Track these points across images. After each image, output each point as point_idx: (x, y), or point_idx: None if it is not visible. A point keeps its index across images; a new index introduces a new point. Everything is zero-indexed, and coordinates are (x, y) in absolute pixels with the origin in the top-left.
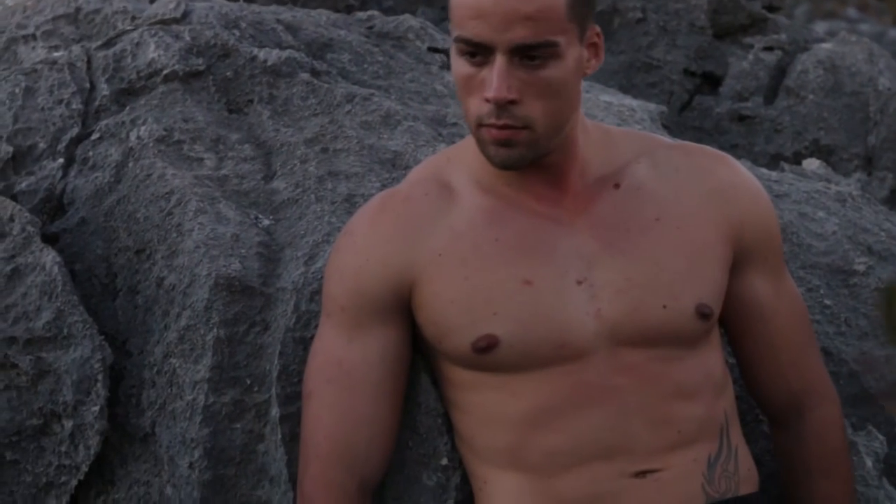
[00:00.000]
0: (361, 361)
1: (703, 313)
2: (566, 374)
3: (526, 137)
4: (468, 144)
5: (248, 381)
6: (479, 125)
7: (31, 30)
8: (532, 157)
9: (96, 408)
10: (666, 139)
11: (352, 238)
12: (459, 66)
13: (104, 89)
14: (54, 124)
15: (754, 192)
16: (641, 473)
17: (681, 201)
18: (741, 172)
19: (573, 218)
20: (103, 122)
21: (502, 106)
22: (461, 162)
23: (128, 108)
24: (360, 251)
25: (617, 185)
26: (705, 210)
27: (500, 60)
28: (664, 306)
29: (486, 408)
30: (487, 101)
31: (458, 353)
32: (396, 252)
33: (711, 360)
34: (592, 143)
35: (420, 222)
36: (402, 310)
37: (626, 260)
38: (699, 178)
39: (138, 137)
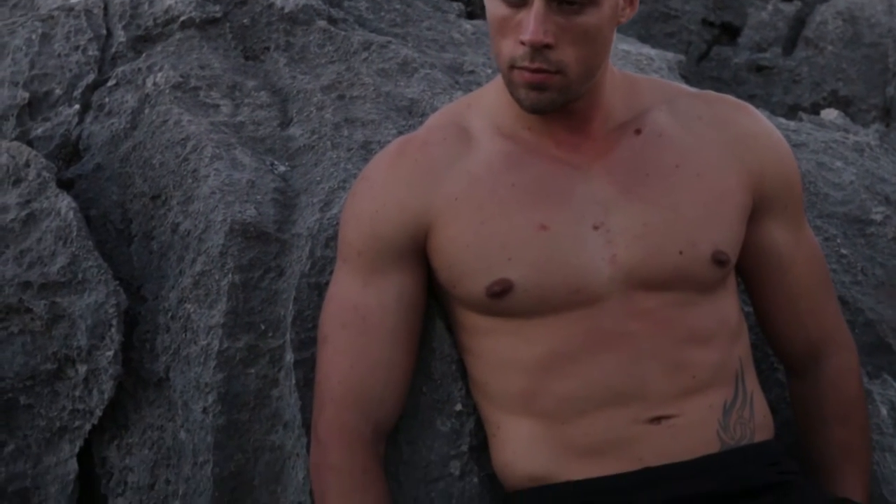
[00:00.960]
0: (377, 306)
1: (719, 260)
2: (580, 320)
3: (558, 82)
4: (489, 90)
5: (263, 327)
6: (512, 67)
7: None
8: (562, 102)
9: (110, 353)
10: (688, 88)
11: (369, 183)
12: (495, 7)
13: (121, 36)
14: (70, 71)
15: (775, 141)
16: (656, 419)
17: (701, 149)
18: (762, 122)
19: (591, 163)
20: (119, 69)
21: (537, 49)
22: (481, 107)
23: (144, 54)
24: (377, 196)
25: (638, 132)
26: (725, 158)
27: (537, 4)
28: (680, 252)
29: (499, 353)
30: (523, 43)
31: (472, 297)
32: (413, 197)
33: (727, 307)
34: (617, 90)
35: (437, 167)
36: (417, 255)
37: (644, 205)
38: (720, 126)
39: (154, 84)
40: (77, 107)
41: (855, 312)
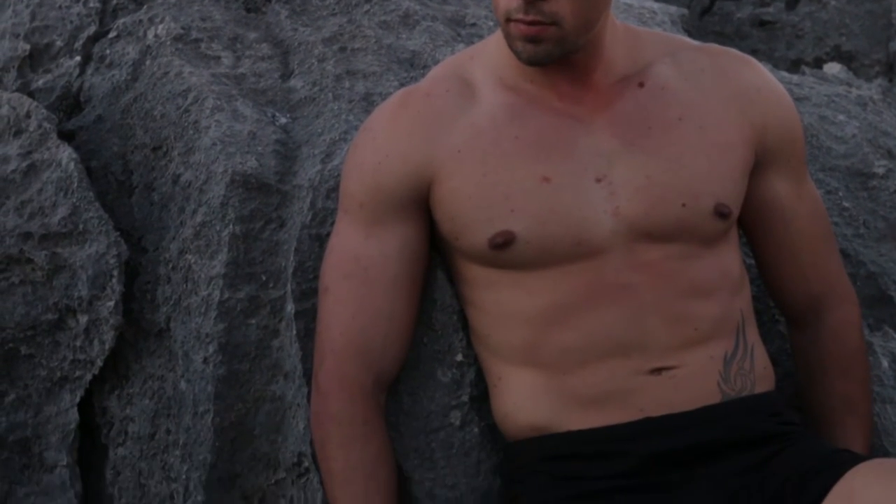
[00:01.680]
0: (379, 257)
1: (721, 213)
2: (583, 272)
3: (554, 34)
4: (491, 42)
5: (264, 278)
6: (508, 20)
7: None
8: (560, 54)
9: (111, 303)
10: (691, 41)
11: (371, 134)
12: None
13: None
14: (72, 22)
15: (778, 94)
16: (657, 370)
17: (704, 102)
18: (765, 75)
19: (594, 116)
20: (121, 21)
21: (530, 2)
22: (483, 59)
23: (145, 6)
24: (380, 147)
25: (641, 85)
26: (728, 111)
27: None
28: (683, 205)
29: (501, 305)
30: None
31: (474, 249)
32: (416, 148)
33: (729, 260)
34: (619, 42)
35: (440, 119)
36: (420, 206)
37: (647, 158)
38: (723, 79)
39: (156, 36)
40: (78, 58)
41: (857, 265)
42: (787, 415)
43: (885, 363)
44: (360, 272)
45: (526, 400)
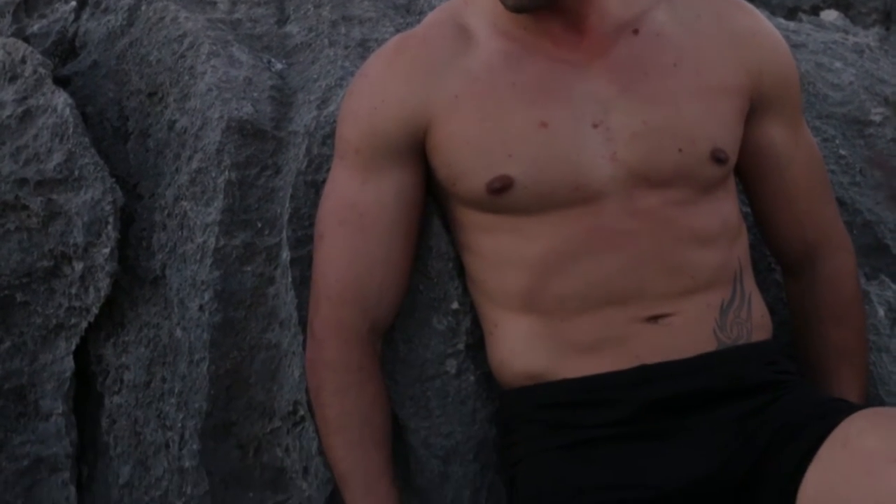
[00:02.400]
0: (375, 203)
1: (718, 158)
2: (581, 217)
3: None
4: None
5: (259, 224)
6: None
7: None
8: (545, 0)
9: (107, 250)
10: None
11: (367, 80)
12: None
13: None
14: None
15: (774, 40)
16: (653, 318)
17: (700, 47)
18: (761, 19)
19: (590, 62)
20: None
21: None
22: (479, 5)
23: None
24: (376, 93)
25: (636, 31)
26: (724, 56)
27: None
28: (680, 150)
29: (499, 251)
30: None
31: (472, 194)
32: (412, 93)
33: (727, 208)
34: None
35: (437, 64)
36: (416, 152)
37: (643, 104)
38: (719, 24)
39: None
40: (73, 3)
41: (853, 213)
42: (784, 363)
43: (881, 312)
44: (355, 218)
45: (522, 347)
